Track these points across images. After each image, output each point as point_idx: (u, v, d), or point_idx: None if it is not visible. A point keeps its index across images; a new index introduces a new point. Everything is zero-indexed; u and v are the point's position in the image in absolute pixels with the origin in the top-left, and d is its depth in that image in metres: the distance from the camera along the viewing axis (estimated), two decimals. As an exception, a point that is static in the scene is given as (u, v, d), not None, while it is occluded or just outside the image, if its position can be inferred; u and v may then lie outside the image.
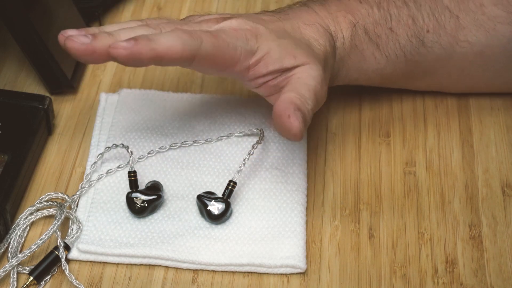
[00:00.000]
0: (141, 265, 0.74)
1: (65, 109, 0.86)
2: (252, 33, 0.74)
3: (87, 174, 0.79)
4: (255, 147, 0.79)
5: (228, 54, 0.72)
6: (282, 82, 0.74)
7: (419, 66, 0.81)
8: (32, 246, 0.73)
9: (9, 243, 0.75)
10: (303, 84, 0.73)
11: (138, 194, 0.76)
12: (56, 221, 0.74)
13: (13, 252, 0.74)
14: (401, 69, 0.81)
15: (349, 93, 0.87)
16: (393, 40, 0.80)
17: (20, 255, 0.72)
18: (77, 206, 0.77)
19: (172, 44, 0.69)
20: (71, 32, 0.70)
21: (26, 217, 0.76)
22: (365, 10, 0.80)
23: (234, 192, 0.77)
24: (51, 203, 0.77)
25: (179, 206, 0.77)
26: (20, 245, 0.75)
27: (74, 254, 0.74)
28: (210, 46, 0.71)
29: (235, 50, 0.72)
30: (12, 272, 0.73)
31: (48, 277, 0.73)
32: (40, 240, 0.73)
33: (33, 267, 0.73)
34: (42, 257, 0.73)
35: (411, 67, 0.81)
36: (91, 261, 0.74)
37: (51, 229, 0.73)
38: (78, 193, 0.78)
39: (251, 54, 0.73)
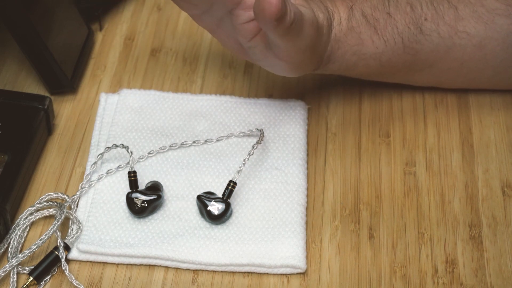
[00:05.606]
0: (141, 265, 0.74)
1: (65, 109, 0.86)
2: None
3: (87, 174, 0.79)
4: (255, 147, 0.79)
5: None
6: None
7: (418, 55, 0.81)
8: (32, 246, 0.73)
9: (9, 243, 0.75)
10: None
11: (138, 194, 0.76)
12: (56, 221, 0.74)
13: (13, 252, 0.74)
14: (399, 56, 0.81)
15: (349, 93, 0.87)
16: (391, 25, 0.80)
17: (20, 255, 0.72)
18: (77, 206, 0.77)
19: None
20: None
21: (26, 217, 0.76)
22: None
23: (234, 192, 0.77)
24: (51, 203, 0.77)
25: (179, 206, 0.77)
26: (20, 245, 0.75)
27: (74, 254, 0.74)
28: None
29: None
30: (12, 272, 0.73)
31: (48, 277, 0.73)
32: (40, 240, 0.73)
33: (33, 267, 0.73)
34: (42, 257, 0.73)
35: (410, 55, 0.81)
36: (91, 261, 0.74)
37: (51, 229, 0.73)
38: (78, 193, 0.78)
39: None
